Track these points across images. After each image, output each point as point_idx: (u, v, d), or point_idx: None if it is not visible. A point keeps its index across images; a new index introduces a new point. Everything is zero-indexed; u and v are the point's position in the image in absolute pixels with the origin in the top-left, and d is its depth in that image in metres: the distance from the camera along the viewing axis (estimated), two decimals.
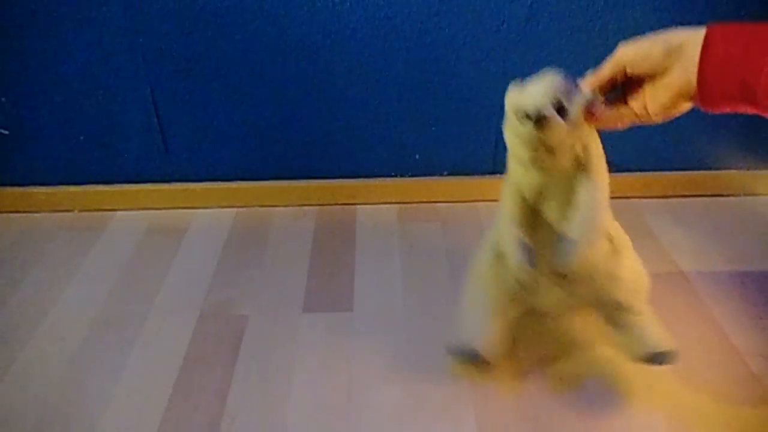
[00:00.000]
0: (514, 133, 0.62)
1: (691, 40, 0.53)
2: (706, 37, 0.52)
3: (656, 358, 0.70)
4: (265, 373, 0.78)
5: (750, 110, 0.51)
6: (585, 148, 0.65)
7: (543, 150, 0.61)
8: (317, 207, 1.14)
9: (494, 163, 1.12)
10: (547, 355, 0.79)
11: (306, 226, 1.08)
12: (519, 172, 0.66)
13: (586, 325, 0.82)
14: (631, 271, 0.71)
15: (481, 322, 0.73)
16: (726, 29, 0.52)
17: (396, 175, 1.13)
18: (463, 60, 1.01)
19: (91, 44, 0.98)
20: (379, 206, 1.14)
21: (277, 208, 1.13)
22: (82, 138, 1.07)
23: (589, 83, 0.63)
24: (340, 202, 1.14)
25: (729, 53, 0.51)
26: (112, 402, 0.74)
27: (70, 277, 0.96)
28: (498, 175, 1.12)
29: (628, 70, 0.60)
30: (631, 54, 0.59)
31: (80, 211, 1.13)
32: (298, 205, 1.14)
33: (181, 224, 1.09)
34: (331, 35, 0.98)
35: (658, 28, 1.03)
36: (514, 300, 0.73)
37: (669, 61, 0.55)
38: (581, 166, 0.65)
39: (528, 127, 0.59)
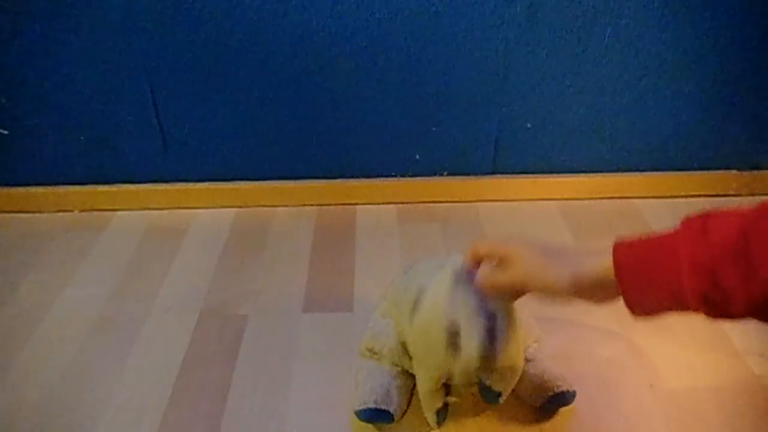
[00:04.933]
0: (437, 352, 0.60)
1: (600, 270, 0.52)
2: (616, 263, 0.51)
3: (555, 401, 0.69)
4: (265, 373, 0.78)
5: (684, 312, 0.50)
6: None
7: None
8: (317, 207, 1.14)
9: (494, 163, 1.12)
10: None
11: (306, 226, 1.08)
12: (431, 368, 0.65)
13: None
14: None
15: (384, 381, 0.71)
16: (632, 247, 0.51)
17: (396, 175, 1.13)
18: (463, 60, 1.01)
19: (91, 44, 0.98)
20: (379, 206, 1.14)
21: (277, 208, 1.13)
22: (82, 138, 1.07)
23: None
24: (340, 202, 1.14)
25: (639, 264, 0.50)
26: (112, 402, 0.74)
27: (70, 277, 0.96)
28: (498, 175, 1.13)
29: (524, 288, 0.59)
30: (537, 285, 0.56)
31: (80, 211, 1.13)
32: (298, 205, 1.14)
33: (181, 224, 1.09)
34: (331, 35, 0.98)
35: (658, 27, 1.03)
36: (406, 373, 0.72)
37: (577, 293, 0.54)
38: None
39: (472, 362, 0.58)
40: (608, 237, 0.52)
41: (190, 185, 1.12)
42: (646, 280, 0.49)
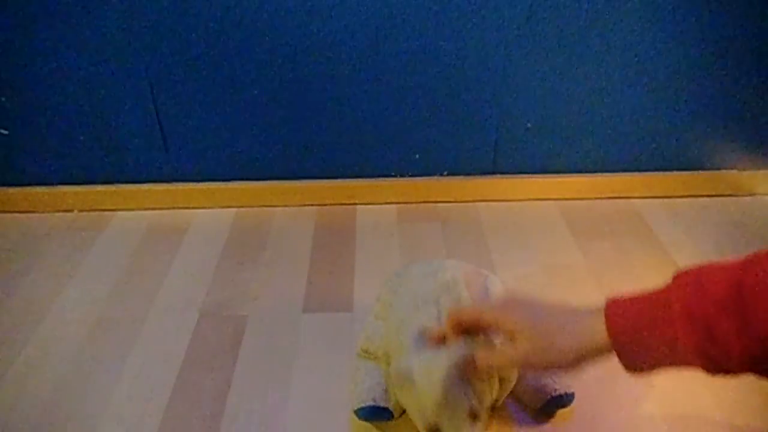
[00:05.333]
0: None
1: (598, 339, 0.50)
2: (610, 329, 0.50)
3: (553, 404, 0.69)
4: (265, 373, 0.78)
5: (682, 368, 0.50)
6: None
7: None
8: (317, 207, 1.14)
9: (494, 163, 1.12)
10: None
11: (306, 226, 1.08)
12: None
13: None
14: None
15: (380, 380, 0.70)
16: (625, 309, 0.50)
17: (396, 175, 1.13)
18: (463, 60, 1.00)
19: (91, 44, 0.98)
20: (379, 206, 1.14)
21: (277, 208, 1.13)
22: (82, 138, 1.07)
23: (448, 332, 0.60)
24: (340, 202, 1.14)
25: (633, 319, 0.49)
26: (112, 402, 0.74)
27: (70, 277, 0.96)
28: (498, 175, 1.13)
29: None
30: (539, 364, 0.55)
31: (80, 211, 1.13)
32: (298, 205, 1.14)
33: (181, 224, 1.09)
34: (331, 35, 0.98)
35: (658, 27, 1.03)
36: None
37: (579, 366, 0.53)
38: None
39: None
40: (608, 237, 0.52)
41: (190, 185, 1.12)
42: (642, 341, 0.49)
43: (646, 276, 0.94)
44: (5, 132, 1.06)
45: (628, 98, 1.05)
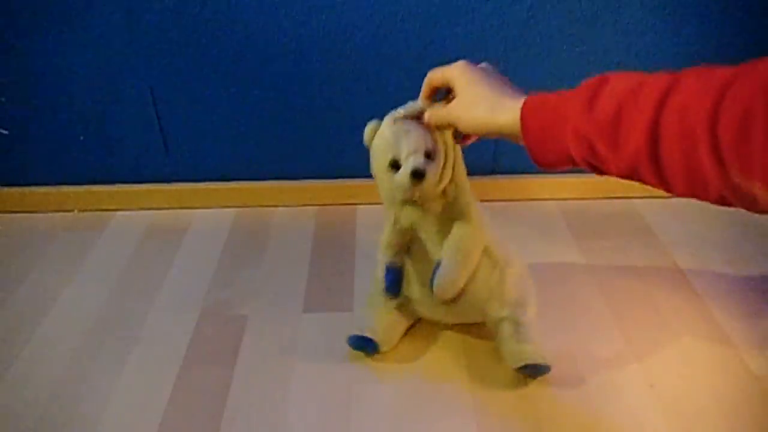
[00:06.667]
0: (387, 181, 0.69)
1: (512, 123, 0.59)
2: (522, 124, 0.58)
3: (528, 370, 0.73)
4: (265, 373, 0.78)
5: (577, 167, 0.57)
6: (453, 176, 0.71)
7: (416, 194, 0.68)
8: (317, 207, 1.14)
9: (494, 163, 1.12)
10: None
11: (306, 226, 1.08)
12: (393, 206, 0.73)
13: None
14: (514, 286, 0.74)
15: (377, 316, 0.79)
16: (536, 109, 0.58)
17: None
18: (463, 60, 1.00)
19: (91, 44, 0.98)
20: (379, 206, 1.13)
21: (277, 208, 1.13)
22: (82, 138, 1.07)
23: (422, 95, 0.72)
24: (340, 202, 1.14)
25: (539, 127, 0.57)
26: (112, 402, 0.74)
27: (70, 277, 0.96)
28: (498, 175, 1.13)
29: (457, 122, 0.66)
30: (464, 125, 0.64)
31: (80, 211, 1.13)
32: (298, 205, 1.14)
33: (181, 224, 1.09)
34: (331, 35, 0.98)
35: (657, 27, 1.03)
36: (402, 309, 0.79)
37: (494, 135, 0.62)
38: (451, 194, 0.72)
39: (404, 180, 0.66)
40: (608, 237, 0.53)
41: (190, 185, 1.12)
42: (544, 146, 0.57)
43: (646, 275, 0.94)
44: (5, 132, 1.06)
45: None
